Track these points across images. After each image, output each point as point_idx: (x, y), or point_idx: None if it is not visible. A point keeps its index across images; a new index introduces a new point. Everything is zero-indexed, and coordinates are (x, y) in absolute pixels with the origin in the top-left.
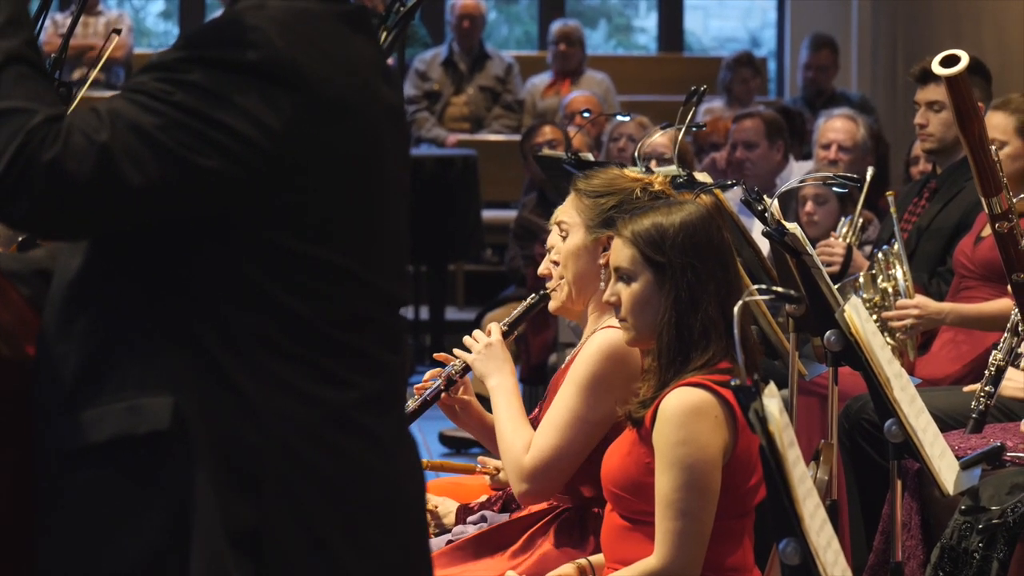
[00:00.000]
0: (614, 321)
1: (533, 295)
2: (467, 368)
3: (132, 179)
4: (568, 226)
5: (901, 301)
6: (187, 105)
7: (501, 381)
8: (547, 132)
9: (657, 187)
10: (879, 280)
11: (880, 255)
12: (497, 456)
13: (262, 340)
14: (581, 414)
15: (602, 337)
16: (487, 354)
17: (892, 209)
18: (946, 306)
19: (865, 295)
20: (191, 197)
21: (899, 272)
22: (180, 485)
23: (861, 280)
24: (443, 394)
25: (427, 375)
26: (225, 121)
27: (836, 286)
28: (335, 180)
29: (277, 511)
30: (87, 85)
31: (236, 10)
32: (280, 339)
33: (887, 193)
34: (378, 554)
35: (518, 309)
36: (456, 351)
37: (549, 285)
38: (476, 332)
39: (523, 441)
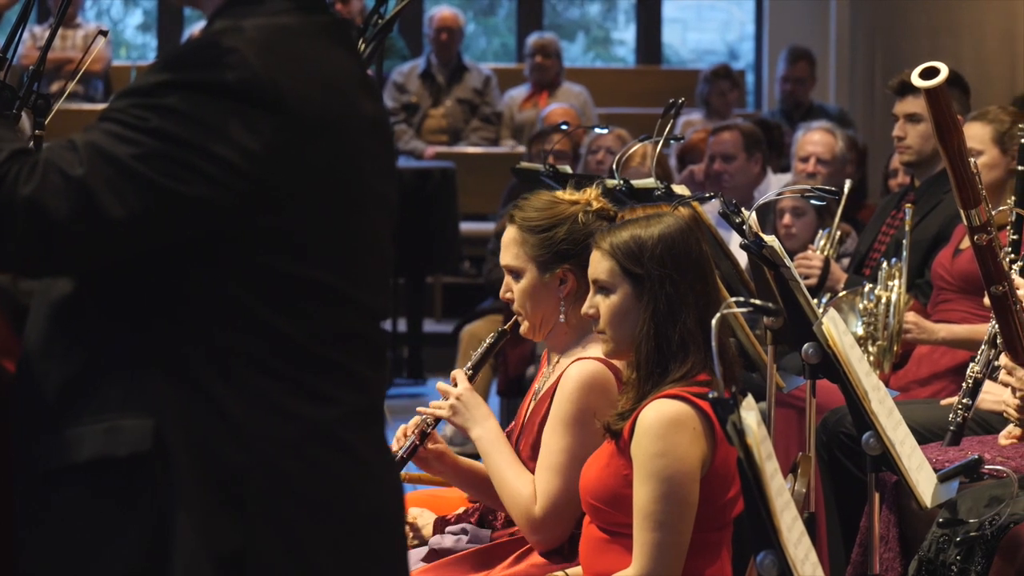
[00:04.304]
0: (584, 351)
1: (493, 334)
2: (439, 419)
3: (113, 212)
4: (517, 268)
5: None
6: (165, 132)
7: (484, 430)
8: (554, 141)
9: (596, 206)
10: (877, 290)
11: (885, 265)
12: (474, 499)
13: (247, 359)
14: (575, 451)
15: (577, 371)
16: (461, 404)
17: (907, 221)
18: (940, 326)
19: (861, 305)
20: (175, 225)
21: (896, 283)
22: (160, 507)
23: (866, 288)
24: (419, 448)
25: (398, 432)
26: (204, 146)
27: (843, 294)
28: (316, 198)
29: (262, 530)
30: (64, 96)
31: (213, 31)
32: (265, 358)
33: (906, 204)
34: (360, 570)
35: (480, 350)
36: (431, 405)
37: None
38: (443, 385)
39: (528, 490)
